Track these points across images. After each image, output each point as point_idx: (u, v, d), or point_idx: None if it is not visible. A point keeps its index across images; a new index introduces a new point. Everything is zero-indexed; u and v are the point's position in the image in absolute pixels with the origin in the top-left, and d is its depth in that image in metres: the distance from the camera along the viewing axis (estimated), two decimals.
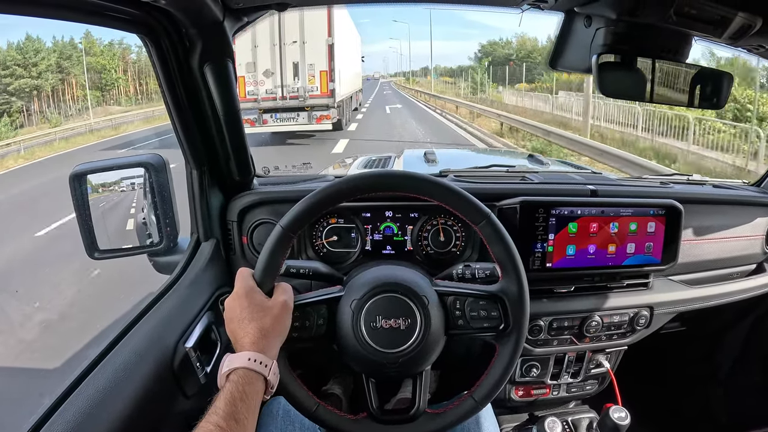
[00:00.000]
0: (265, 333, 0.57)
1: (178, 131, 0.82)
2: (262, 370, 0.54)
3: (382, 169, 1.48)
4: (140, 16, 0.69)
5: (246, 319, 0.57)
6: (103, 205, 0.89)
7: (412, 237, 0.95)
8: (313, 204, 0.62)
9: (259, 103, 7.27)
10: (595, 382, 1.08)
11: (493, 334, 0.64)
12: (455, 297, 0.65)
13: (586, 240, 0.94)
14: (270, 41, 7.08)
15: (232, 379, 0.53)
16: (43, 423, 0.52)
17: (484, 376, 0.64)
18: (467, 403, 0.64)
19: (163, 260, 0.91)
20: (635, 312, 1.00)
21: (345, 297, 0.65)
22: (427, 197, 0.64)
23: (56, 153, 10.80)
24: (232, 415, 0.50)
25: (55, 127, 14.04)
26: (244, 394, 0.52)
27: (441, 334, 0.64)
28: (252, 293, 0.59)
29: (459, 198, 0.63)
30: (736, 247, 1.10)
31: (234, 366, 0.54)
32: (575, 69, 0.90)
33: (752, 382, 1.18)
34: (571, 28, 0.87)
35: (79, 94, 19.73)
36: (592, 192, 0.98)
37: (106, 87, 21.83)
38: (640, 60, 0.85)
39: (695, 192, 1.11)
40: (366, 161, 1.71)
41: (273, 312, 0.58)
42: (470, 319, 0.64)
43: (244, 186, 0.94)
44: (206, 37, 0.74)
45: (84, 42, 20.65)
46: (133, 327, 0.72)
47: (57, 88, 18.62)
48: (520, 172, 1.05)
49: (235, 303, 0.59)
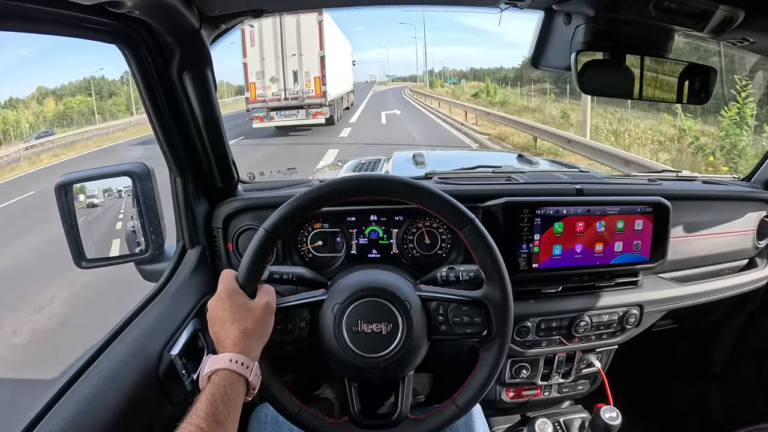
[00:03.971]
0: (247, 334, 0.57)
1: (160, 140, 0.82)
2: (244, 371, 0.54)
3: (366, 173, 1.48)
4: (118, 26, 0.69)
5: (228, 320, 0.57)
6: (85, 217, 0.90)
7: (398, 240, 0.94)
8: (295, 207, 0.62)
9: (267, 103, 9.48)
10: (586, 381, 1.08)
11: (477, 340, 0.64)
12: (438, 302, 0.64)
13: (572, 239, 0.93)
14: (274, 54, 9.29)
15: (213, 381, 0.53)
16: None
17: (467, 382, 0.64)
18: (450, 409, 0.63)
19: (149, 268, 0.92)
20: (625, 311, 0.99)
21: (327, 301, 0.65)
22: (410, 201, 0.64)
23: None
24: (213, 416, 0.50)
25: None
26: (225, 395, 0.52)
27: (424, 340, 0.64)
28: (235, 295, 0.59)
29: (442, 202, 0.63)
30: (727, 242, 1.09)
31: (215, 367, 0.54)
32: (558, 67, 0.89)
33: (745, 379, 1.17)
34: (551, 26, 0.86)
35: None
36: (578, 191, 0.97)
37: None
38: (629, 57, 0.85)
39: (684, 188, 1.10)
40: (356, 164, 1.71)
41: (255, 314, 0.58)
42: (453, 324, 0.63)
43: (229, 192, 0.94)
44: (184, 45, 0.75)
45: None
46: (118, 336, 0.72)
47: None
48: (505, 173, 1.05)
49: (217, 304, 0.59)
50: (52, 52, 31.26)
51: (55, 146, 12.82)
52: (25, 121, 16.56)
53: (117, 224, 0.96)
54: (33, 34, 0.64)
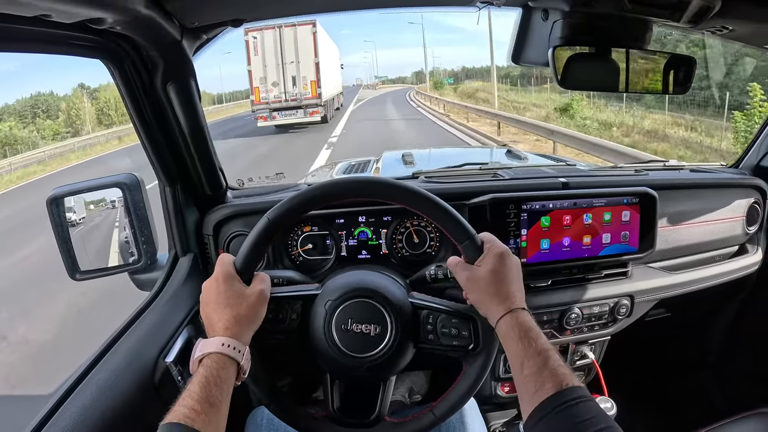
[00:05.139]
0: (239, 320, 0.57)
1: (148, 150, 0.83)
2: (236, 355, 0.55)
3: (362, 175, 1.49)
4: (101, 41, 0.71)
5: (222, 304, 0.58)
6: (81, 229, 0.91)
7: (387, 240, 0.95)
8: (304, 201, 0.62)
9: (269, 105, 11.04)
10: (581, 373, 1.08)
11: (461, 353, 0.64)
12: (429, 311, 0.64)
13: (560, 233, 0.94)
14: (275, 62, 10.85)
15: (205, 364, 0.53)
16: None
17: (448, 393, 0.64)
18: (427, 417, 0.64)
19: (143, 277, 0.93)
20: (615, 302, 1.00)
21: (321, 296, 0.65)
22: (421, 213, 0.64)
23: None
24: (207, 399, 0.50)
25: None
26: (218, 378, 0.52)
27: (410, 346, 0.64)
28: (231, 280, 0.59)
29: (447, 216, 0.62)
30: (717, 230, 1.09)
31: (207, 351, 0.54)
32: (538, 63, 0.90)
33: (741, 365, 1.17)
34: (529, 22, 0.87)
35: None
36: (564, 184, 0.98)
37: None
38: (614, 51, 0.86)
39: (671, 178, 1.11)
40: (346, 166, 1.72)
41: (249, 301, 0.58)
42: (441, 335, 0.63)
43: (218, 199, 0.95)
44: (167, 57, 0.76)
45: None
46: (113, 346, 0.73)
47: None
48: (491, 169, 1.06)
49: (212, 287, 0.60)
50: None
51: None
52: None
53: (113, 235, 0.98)
54: (16, 53, 0.65)
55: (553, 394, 0.48)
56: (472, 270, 0.61)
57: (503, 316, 0.56)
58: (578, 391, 0.48)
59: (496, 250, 0.60)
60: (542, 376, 0.50)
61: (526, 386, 0.51)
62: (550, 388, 0.49)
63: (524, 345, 0.53)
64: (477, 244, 0.62)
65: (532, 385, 0.50)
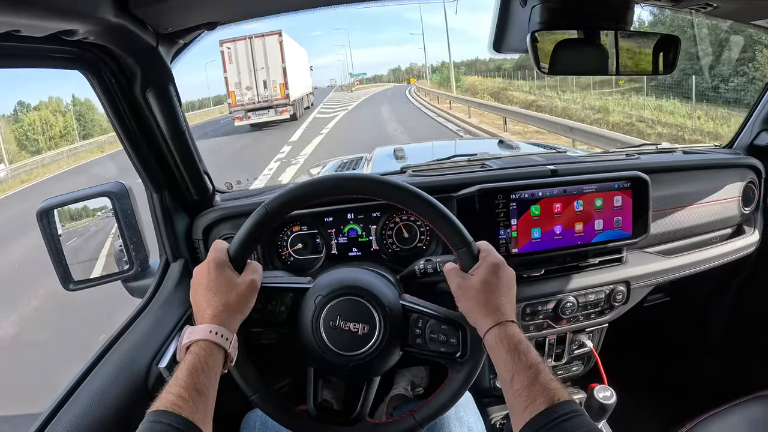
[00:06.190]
0: (227, 308, 0.57)
1: (132, 158, 0.84)
2: (223, 342, 0.54)
3: (358, 172, 1.48)
4: (77, 52, 0.71)
5: (212, 291, 0.57)
6: (73, 240, 0.92)
7: (377, 236, 0.95)
8: (302, 193, 0.61)
9: (245, 106, 12.57)
10: (580, 362, 1.07)
11: (448, 360, 0.63)
12: (419, 315, 0.64)
13: (551, 221, 0.93)
14: (248, 68, 12.48)
15: (193, 351, 0.53)
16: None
17: (431, 398, 0.64)
18: (407, 420, 0.63)
19: (136, 285, 0.94)
20: (611, 288, 0.99)
21: (311, 291, 0.65)
22: (421, 217, 0.63)
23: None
24: (194, 386, 0.49)
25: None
26: (206, 365, 0.52)
27: (397, 348, 0.63)
28: (222, 267, 0.59)
29: (445, 221, 0.61)
30: (712, 211, 1.08)
31: (195, 338, 0.54)
32: (519, 50, 0.88)
33: (743, 347, 1.16)
34: (508, 9, 0.86)
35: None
36: (552, 172, 0.97)
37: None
38: (603, 35, 0.84)
39: (664, 161, 1.09)
40: (338, 164, 1.72)
41: (239, 289, 0.58)
42: (429, 340, 0.63)
43: (207, 203, 0.95)
44: (144, 64, 0.76)
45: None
46: (107, 353, 0.74)
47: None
48: (479, 160, 1.04)
49: (203, 273, 0.59)
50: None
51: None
52: None
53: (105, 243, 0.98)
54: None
55: (544, 409, 0.47)
56: (465, 278, 0.60)
57: (491, 328, 0.55)
58: (570, 406, 0.48)
59: (491, 260, 0.59)
60: (533, 390, 0.49)
61: (516, 401, 0.50)
62: (542, 403, 0.48)
63: (514, 358, 0.52)
64: (473, 253, 0.61)
65: (523, 400, 0.49)
